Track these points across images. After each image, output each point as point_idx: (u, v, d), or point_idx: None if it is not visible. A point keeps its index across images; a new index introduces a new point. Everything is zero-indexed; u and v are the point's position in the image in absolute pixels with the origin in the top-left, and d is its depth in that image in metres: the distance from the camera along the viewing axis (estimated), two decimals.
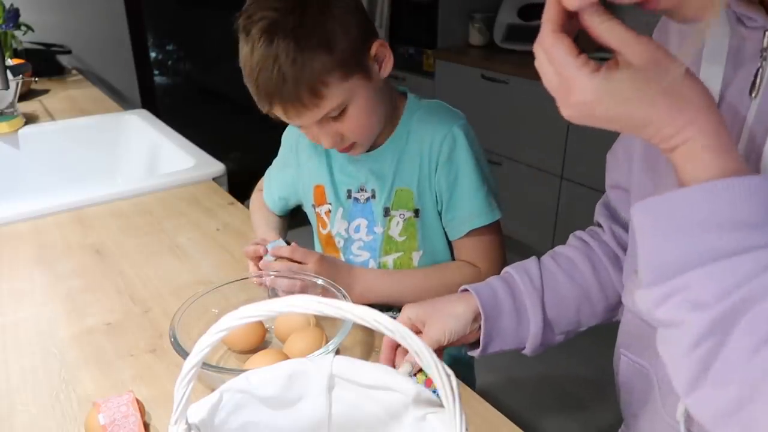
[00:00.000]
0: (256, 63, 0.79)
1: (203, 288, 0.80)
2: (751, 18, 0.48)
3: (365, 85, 0.83)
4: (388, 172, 0.93)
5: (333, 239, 0.99)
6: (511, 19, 2.66)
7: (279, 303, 0.39)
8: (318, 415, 0.50)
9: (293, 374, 0.49)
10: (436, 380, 0.38)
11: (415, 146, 0.91)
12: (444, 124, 0.90)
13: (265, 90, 0.80)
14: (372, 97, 0.85)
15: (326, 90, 0.79)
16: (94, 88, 2.17)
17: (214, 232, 1.10)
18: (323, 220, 1.00)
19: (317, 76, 0.78)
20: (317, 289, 0.81)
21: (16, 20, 2.03)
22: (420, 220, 0.93)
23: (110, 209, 1.20)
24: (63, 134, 1.67)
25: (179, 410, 0.41)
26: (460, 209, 0.91)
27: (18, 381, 0.73)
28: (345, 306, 0.39)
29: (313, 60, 0.77)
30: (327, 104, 0.80)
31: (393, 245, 0.95)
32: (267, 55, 0.78)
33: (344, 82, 0.80)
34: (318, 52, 0.78)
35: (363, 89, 0.83)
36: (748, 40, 0.50)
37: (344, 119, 0.83)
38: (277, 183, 1.07)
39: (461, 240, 0.93)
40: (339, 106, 0.82)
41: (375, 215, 0.95)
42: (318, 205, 1.00)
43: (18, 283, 0.95)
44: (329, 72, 0.79)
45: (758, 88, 0.48)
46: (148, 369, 0.75)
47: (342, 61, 0.79)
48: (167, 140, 1.52)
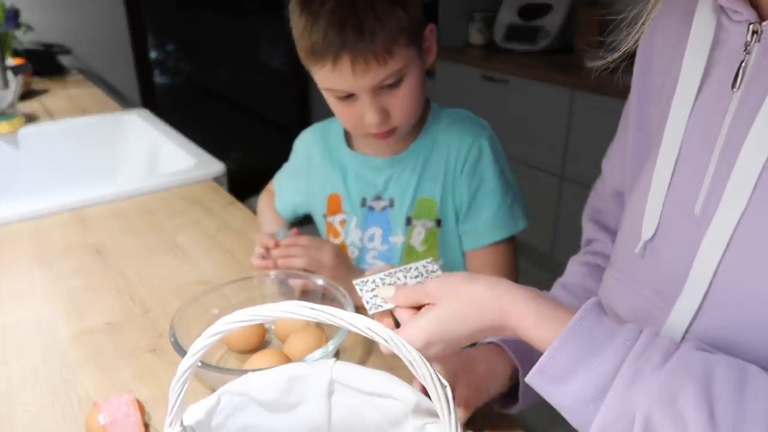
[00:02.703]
0: (329, 10, 0.75)
1: (203, 288, 0.80)
2: (737, 11, 0.48)
3: (419, 62, 0.82)
4: (411, 180, 0.91)
5: (346, 249, 0.98)
6: (511, 19, 2.66)
7: (273, 308, 0.40)
8: (317, 420, 0.50)
9: (293, 378, 0.49)
10: (432, 392, 0.37)
11: (441, 155, 0.89)
12: (471, 134, 0.89)
13: (339, 39, 0.75)
14: (422, 78, 0.83)
15: (396, 48, 0.77)
16: (94, 87, 2.17)
17: (214, 232, 1.10)
18: (335, 229, 0.98)
19: (393, 31, 0.76)
20: (319, 288, 0.82)
21: (16, 20, 2.03)
22: (441, 230, 0.92)
23: (110, 209, 1.20)
24: (63, 134, 1.67)
25: (174, 412, 0.41)
26: (479, 220, 0.90)
27: (18, 381, 0.73)
28: (338, 313, 0.39)
29: (392, 13, 0.76)
30: (394, 64, 0.77)
31: (414, 255, 0.93)
32: (343, 2, 0.75)
33: (408, 49, 0.78)
34: (395, 7, 0.76)
35: (417, 66, 0.81)
36: (733, 34, 0.49)
37: (397, 92, 0.80)
38: (287, 191, 1.06)
39: (475, 251, 0.92)
40: (399, 72, 0.79)
41: (392, 224, 0.93)
42: (330, 215, 0.99)
43: (18, 283, 0.95)
44: (401, 31, 0.77)
45: (740, 82, 0.48)
46: (148, 369, 0.75)
47: (411, 25, 0.78)
48: (167, 140, 1.53)
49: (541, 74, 2.29)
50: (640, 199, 0.55)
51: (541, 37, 2.55)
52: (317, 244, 0.85)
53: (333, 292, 0.79)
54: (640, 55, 0.62)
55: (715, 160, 0.48)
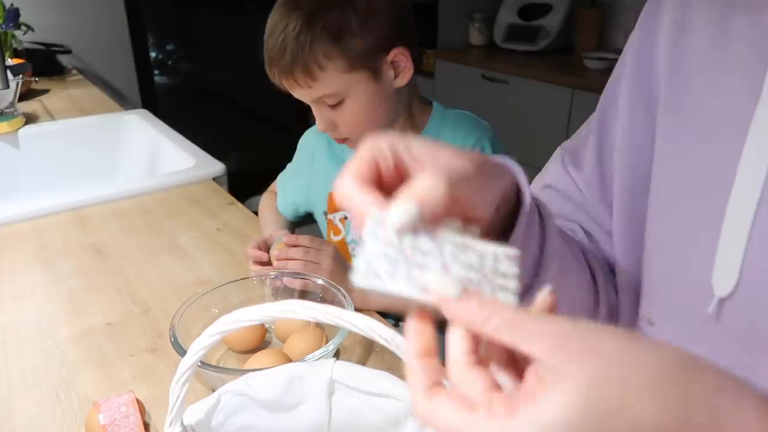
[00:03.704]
0: (270, 25, 0.82)
1: (203, 288, 0.80)
2: None
3: (370, 85, 0.83)
4: None
5: (346, 246, 0.98)
6: (511, 19, 2.66)
7: (273, 308, 0.39)
8: (317, 420, 0.50)
9: (293, 378, 0.49)
10: None
11: None
12: (473, 135, 0.90)
13: (268, 54, 0.83)
14: (375, 98, 0.84)
15: (321, 74, 0.80)
16: (94, 87, 2.17)
17: (214, 232, 1.10)
18: (336, 227, 0.99)
19: (314, 58, 0.79)
20: (318, 288, 0.82)
21: (16, 20, 2.03)
22: None
23: (110, 209, 1.20)
24: (63, 134, 1.67)
25: (174, 412, 0.41)
26: None
27: (18, 381, 0.73)
28: (338, 313, 0.39)
29: (316, 43, 0.79)
30: (320, 88, 0.81)
31: None
32: (280, 22, 0.80)
33: (345, 74, 0.80)
34: (324, 38, 0.79)
35: (365, 88, 0.83)
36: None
37: (340, 111, 0.84)
38: (290, 189, 1.07)
39: None
40: (334, 96, 0.82)
41: None
42: (332, 212, 0.99)
43: (18, 283, 0.95)
44: (329, 59, 0.79)
45: None
46: (148, 369, 0.75)
47: (347, 55, 0.80)
48: (167, 140, 1.52)
49: (541, 74, 2.29)
50: (688, 246, 0.46)
51: (541, 37, 2.55)
52: (317, 245, 0.85)
53: (333, 292, 0.79)
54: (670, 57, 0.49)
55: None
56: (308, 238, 0.86)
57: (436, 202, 0.30)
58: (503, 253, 0.32)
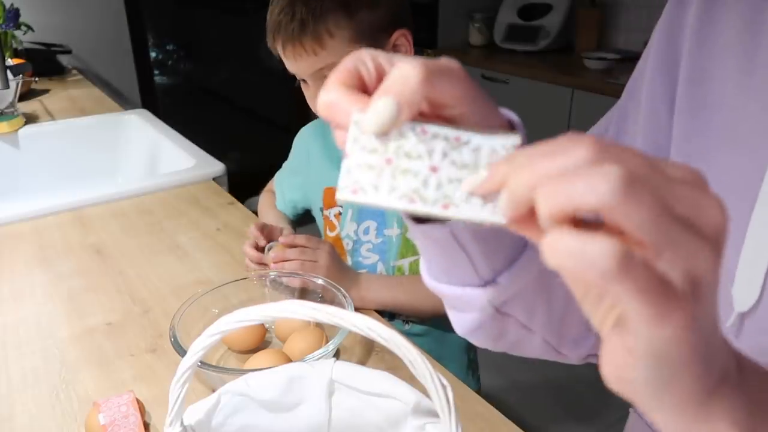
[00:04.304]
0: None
1: (203, 288, 0.80)
2: None
3: None
4: None
5: (341, 242, 0.99)
6: (511, 19, 2.66)
7: (273, 308, 0.39)
8: (317, 420, 0.50)
9: (293, 378, 0.49)
10: (432, 392, 0.36)
11: None
12: None
13: (273, 20, 0.82)
14: None
15: (330, 41, 0.80)
16: (94, 88, 2.17)
17: (214, 232, 1.10)
18: (331, 222, 1.00)
19: (324, 25, 0.79)
20: (318, 288, 0.82)
21: (16, 20, 2.03)
22: None
23: (110, 209, 1.20)
24: (63, 134, 1.67)
25: (174, 412, 0.41)
26: None
27: (18, 381, 0.73)
28: (338, 313, 0.38)
29: (327, 10, 0.79)
30: (327, 57, 0.81)
31: (410, 249, 0.94)
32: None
33: (351, 45, 0.81)
34: (334, 5, 0.79)
35: None
36: None
37: None
38: (287, 187, 1.08)
39: None
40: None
41: (387, 217, 0.94)
42: (327, 208, 1.00)
43: (18, 283, 0.95)
44: (339, 27, 0.79)
45: None
46: (148, 369, 0.75)
47: (356, 27, 0.80)
48: (167, 140, 1.53)
49: (541, 74, 2.29)
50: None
51: (541, 37, 2.55)
52: (313, 244, 0.85)
53: (333, 292, 0.79)
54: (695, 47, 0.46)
55: None
56: (305, 237, 0.87)
57: (412, 91, 0.27)
58: (502, 145, 0.28)
